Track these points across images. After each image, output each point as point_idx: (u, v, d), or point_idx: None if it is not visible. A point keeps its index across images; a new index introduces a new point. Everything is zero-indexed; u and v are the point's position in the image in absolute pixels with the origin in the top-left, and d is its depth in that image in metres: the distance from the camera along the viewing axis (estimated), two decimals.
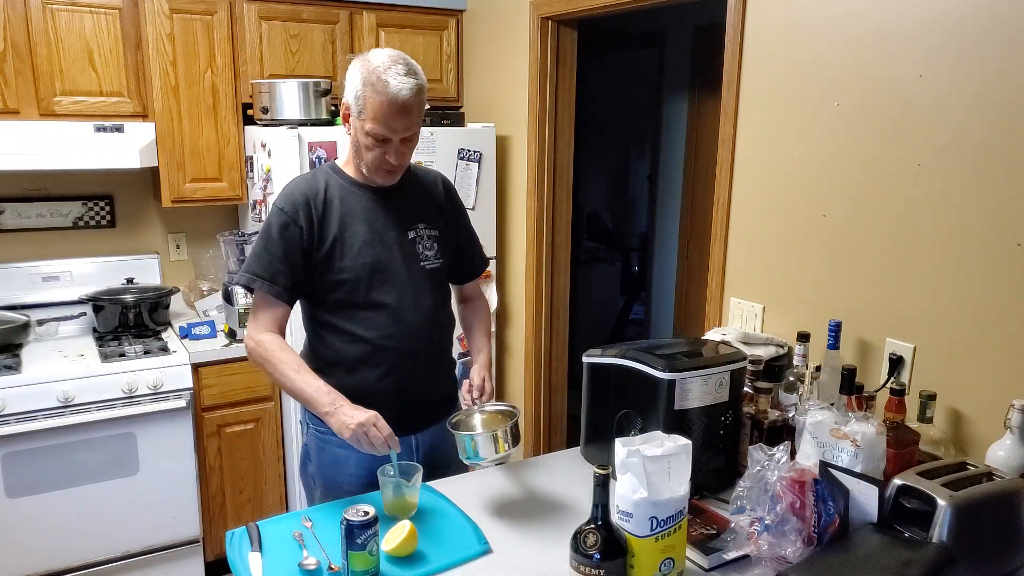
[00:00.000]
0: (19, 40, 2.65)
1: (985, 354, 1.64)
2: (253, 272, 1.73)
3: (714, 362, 1.68)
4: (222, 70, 2.95)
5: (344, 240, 1.73)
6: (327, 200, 1.74)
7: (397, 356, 1.77)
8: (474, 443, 1.60)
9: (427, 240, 1.83)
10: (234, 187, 3.06)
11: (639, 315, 5.27)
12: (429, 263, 1.83)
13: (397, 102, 1.62)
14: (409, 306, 1.77)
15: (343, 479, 1.80)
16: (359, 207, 1.77)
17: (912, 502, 1.34)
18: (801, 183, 2.01)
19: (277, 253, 1.71)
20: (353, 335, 1.76)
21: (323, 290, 1.75)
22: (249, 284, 1.73)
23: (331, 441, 1.78)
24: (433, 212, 1.88)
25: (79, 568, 2.67)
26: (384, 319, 1.75)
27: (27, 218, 3.01)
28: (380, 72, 1.62)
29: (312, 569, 1.43)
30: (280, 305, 1.73)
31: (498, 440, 1.60)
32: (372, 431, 1.56)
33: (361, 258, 1.73)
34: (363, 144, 1.70)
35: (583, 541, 1.29)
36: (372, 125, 1.65)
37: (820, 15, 1.91)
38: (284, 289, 1.72)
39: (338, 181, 1.78)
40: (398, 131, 1.66)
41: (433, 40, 3.36)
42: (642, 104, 4.81)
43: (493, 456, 1.61)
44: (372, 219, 1.77)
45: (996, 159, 1.58)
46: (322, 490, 1.85)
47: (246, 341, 1.76)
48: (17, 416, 2.50)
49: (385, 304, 1.75)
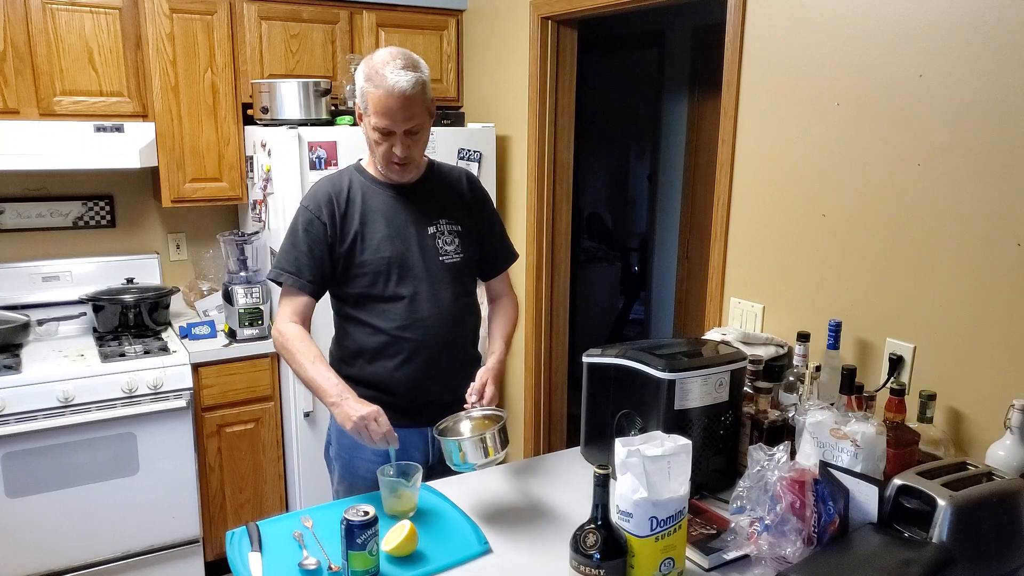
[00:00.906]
0: (19, 40, 2.65)
1: (985, 354, 1.64)
2: (280, 267, 1.82)
3: (714, 362, 1.68)
4: (222, 70, 2.95)
5: (365, 236, 1.81)
6: (350, 197, 1.83)
7: (414, 346, 1.83)
8: (461, 450, 1.58)
9: (448, 235, 1.89)
10: (234, 187, 3.06)
11: (639, 315, 5.28)
12: (449, 258, 1.88)
13: (394, 94, 1.68)
14: (426, 298, 1.83)
15: (359, 463, 1.86)
16: (380, 204, 1.84)
17: (912, 502, 1.34)
18: (801, 183, 2.01)
19: (302, 248, 1.80)
20: (373, 327, 1.83)
21: (346, 284, 1.84)
22: (277, 278, 1.83)
23: None
24: (456, 208, 1.93)
25: (79, 568, 2.67)
26: (401, 311, 1.82)
27: (27, 218, 3.01)
28: (379, 67, 1.70)
29: (312, 569, 1.43)
30: (305, 297, 1.81)
31: (487, 445, 1.59)
32: (372, 425, 1.60)
33: (380, 252, 1.81)
34: (372, 140, 1.78)
35: (583, 541, 1.29)
36: (376, 119, 1.72)
37: (820, 15, 1.91)
38: (309, 282, 1.80)
39: (360, 180, 1.86)
40: (399, 123, 1.72)
41: (433, 40, 3.36)
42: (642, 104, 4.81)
43: (482, 461, 1.59)
44: (392, 215, 1.84)
45: (996, 159, 1.58)
46: (339, 473, 1.94)
47: (272, 331, 1.84)
48: (17, 416, 2.50)
49: (403, 296, 1.82)
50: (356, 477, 1.87)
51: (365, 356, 1.85)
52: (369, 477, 1.80)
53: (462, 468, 1.61)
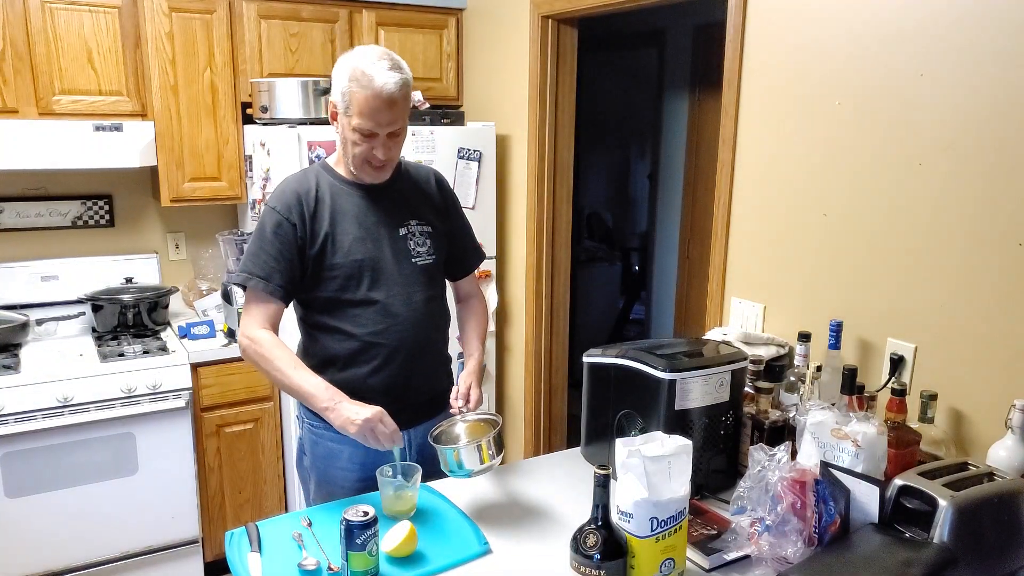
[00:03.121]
0: (18, 39, 2.64)
1: (986, 354, 1.63)
2: (248, 271, 1.73)
3: (715, 362, 1.67)
4: (221, 69, 2.94)
5: (335, 238, 1.74)
6: (318, 198, 1.75)
7: (388, 352, 1.77)
8: (457, 455, 1.57)
9: (419, 236, 1.83)
10: (233, 186, 3.05)
11: (639, 315, 5.27)
12: (421, 259, 1.83)
13: (382, 96, 1.63)
14: (399, 302, 1.78)
15: (335, 472, 1.81)
16: (349, 205, 1.77)
17: (913, 502, 1.34)
18: (802, 182, 2.00)
19: (271, 251, 1.72)
20: (344, 332, 1.76)
21: (315, 288, 1.76)
22: (244, 283, 1.74)
23: (324, 435, 1.80)
24: (426, 208, 1.87)
25: (78, 568, 2.67)
26: (374, 316, 1.76)
27: (26, 217, 3.01)
28: (365, 67, 1.64)
29: (311, 569, 1.42)
30: (275, 303, 1.74)
31: (482, 450, 1.57)
32: (379, 427, 1.57)
33: (352, 255, 1.74)
34: (350, 140, 1.71)
35: (583, 541, 1.29)
36: (359, 120, 1.66)
37: (821, 14, 1.91)
38: (279, 287, 1.72)
39: (329, 179, 1.79)
40: (384, 125, 1.67)
41: (433, 39, 3.35)
42: (642, 103, 4.81)
43: (478, 467, 1.57)
44: (362, 217, 1.77)
45: (997, 158, 1.58)
46: (316, 483, 1.87)
47: (240, 339, 1.75)
48: (16, 416, 2.50)
49: (375, 301, 1.76)
50: (333, 486, 1.81)
51: (337, 364, 1.77)
52: (347, 485, 1.78)
53: (458, 475, 1.60)
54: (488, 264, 3.17)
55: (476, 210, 3.09)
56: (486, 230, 3.14)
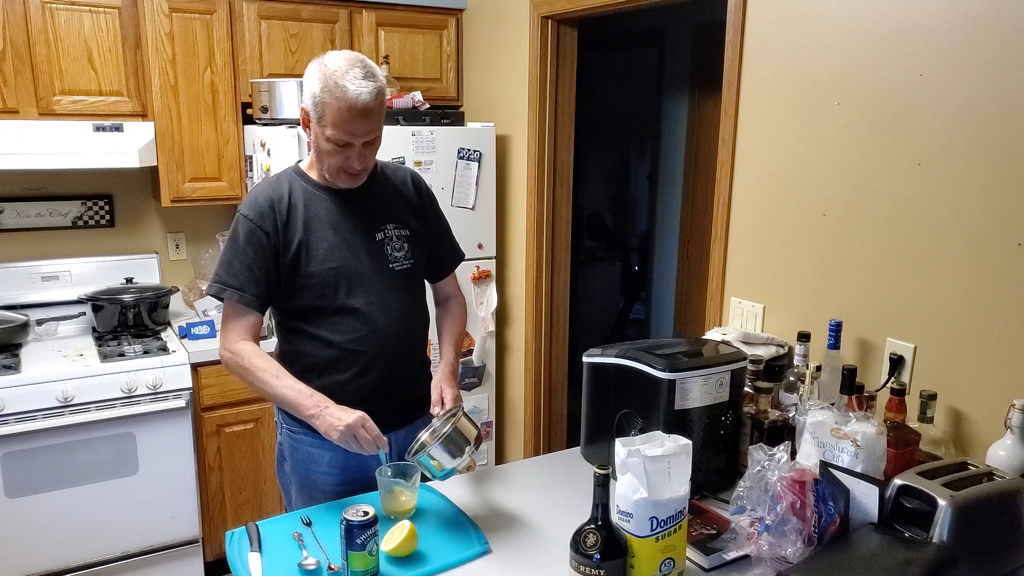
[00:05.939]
0: (18, 39, 2.64)
1: (986, 354, 1.64)
2: (223, 282, 1.69)
3: (714, 362, 1.67)
4: (221, 69, 2.95)
5: (309, 245, 1.70)
6: (291, 204, 1.71)
7: (368, 359, 1.75)
8: (434, 460, 1.55)
9: (396, 241, 1.80)
10: (233, 186, 3.05)
11: (639, 315, 5.27)
12: (399, 264, 1.79)
13: (357, 107, 1.59)
14: (379, 309, 1.75)
15: (316, 477, 1.80)
16: (323, 211, 1.73)
17: (912, 502, 1.34)
18: (801, 182, 2.01)
19: (246, 261, 1.68)
20: (323, 340, 1.74)
21: (291, 296, 1.73)
22: (219, 294, 1.71)
23: (303, 440, 1.79)
24: (403, 211, 1.84)
25: (79, 568, 2.67)
26: (354, 323, 1.73)
27: (26, 217, 3.01)
28: (338, 77, 1.58)
29: (312, 569, 1.42)
30: (252, 314, 1.71)
31: (453, 442, 1.56)
32: (361, 432, 1.55)
33: (327, 263, 1.71)
34: (324, 150, 1.66)
35: (583, 541, 1.29)
36: (332, 131, 1.62)
37: (821, 14, 1.91)
38: (255, 297, 1.69)
39: (302, 185, 1.75)
40: (359, 135, 1.63)
41: (433, 39, 3.36)
42: (642, 103, 4.80)
43: (458, 462, 1.56)
44: (337, 223, 1.74)
45: (996, 159, 1.58)
46: (297, 488, 1.85)
47: (221, 352, 1.73)
48: (16, 416, 2.50)
49: (354, 308, 1.73)
50: (315, 491, 1.79)
51: (315, 371, 1.74)
52: (327, 490, 1.77)
53: (445, 476, 1.59)
54: (488, 264, 3.17)
55: (476, 210, 3.09)
56: (486, 230, 3.14)
